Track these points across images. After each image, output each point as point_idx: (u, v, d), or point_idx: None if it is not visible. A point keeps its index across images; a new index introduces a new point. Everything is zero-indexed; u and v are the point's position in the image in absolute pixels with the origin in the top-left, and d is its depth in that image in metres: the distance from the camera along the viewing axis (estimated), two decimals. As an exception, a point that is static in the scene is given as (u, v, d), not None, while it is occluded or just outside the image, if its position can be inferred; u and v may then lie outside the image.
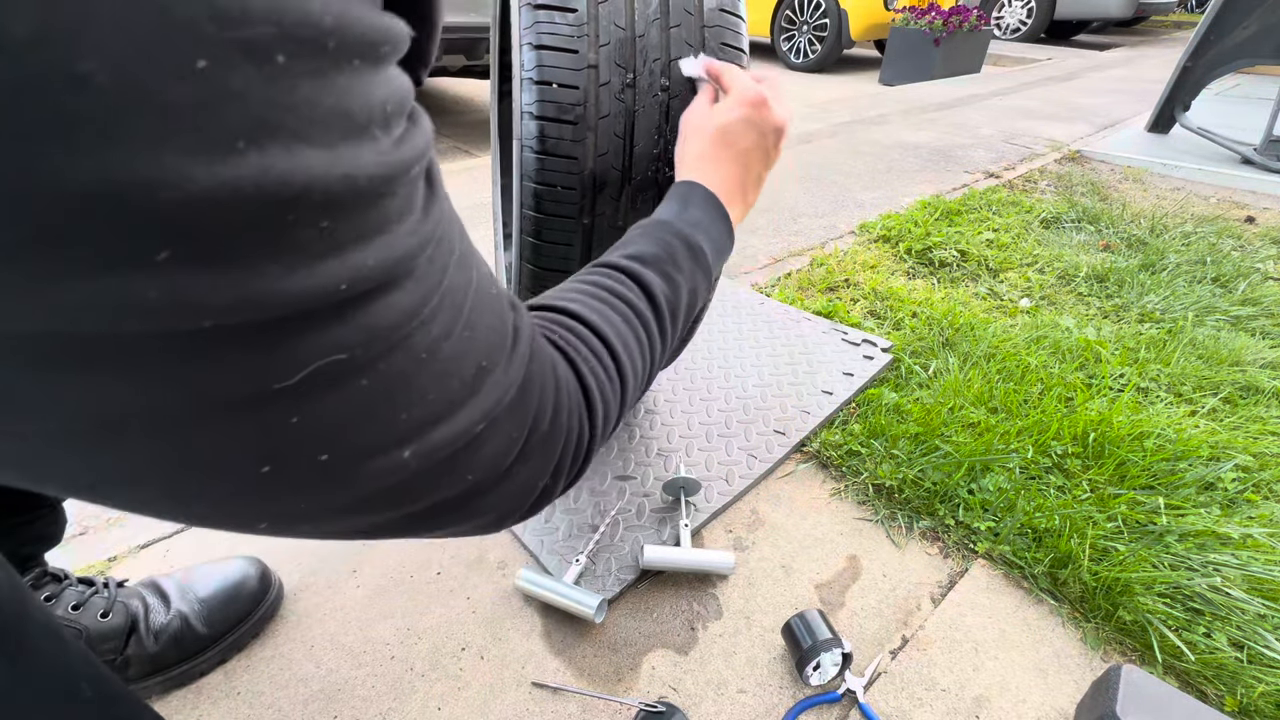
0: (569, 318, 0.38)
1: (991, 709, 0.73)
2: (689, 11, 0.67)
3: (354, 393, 0.21)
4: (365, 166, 0.19)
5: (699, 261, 0.48)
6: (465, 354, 0.26)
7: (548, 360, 0.33)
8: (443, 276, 0.24)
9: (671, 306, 0.45)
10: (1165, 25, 10.35)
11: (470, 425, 0.26)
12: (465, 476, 0.27)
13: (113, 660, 0.67)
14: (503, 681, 0.74)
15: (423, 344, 0.23)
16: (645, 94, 0.67)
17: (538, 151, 0.66)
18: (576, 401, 0.35)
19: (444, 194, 0.25)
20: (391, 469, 0.24)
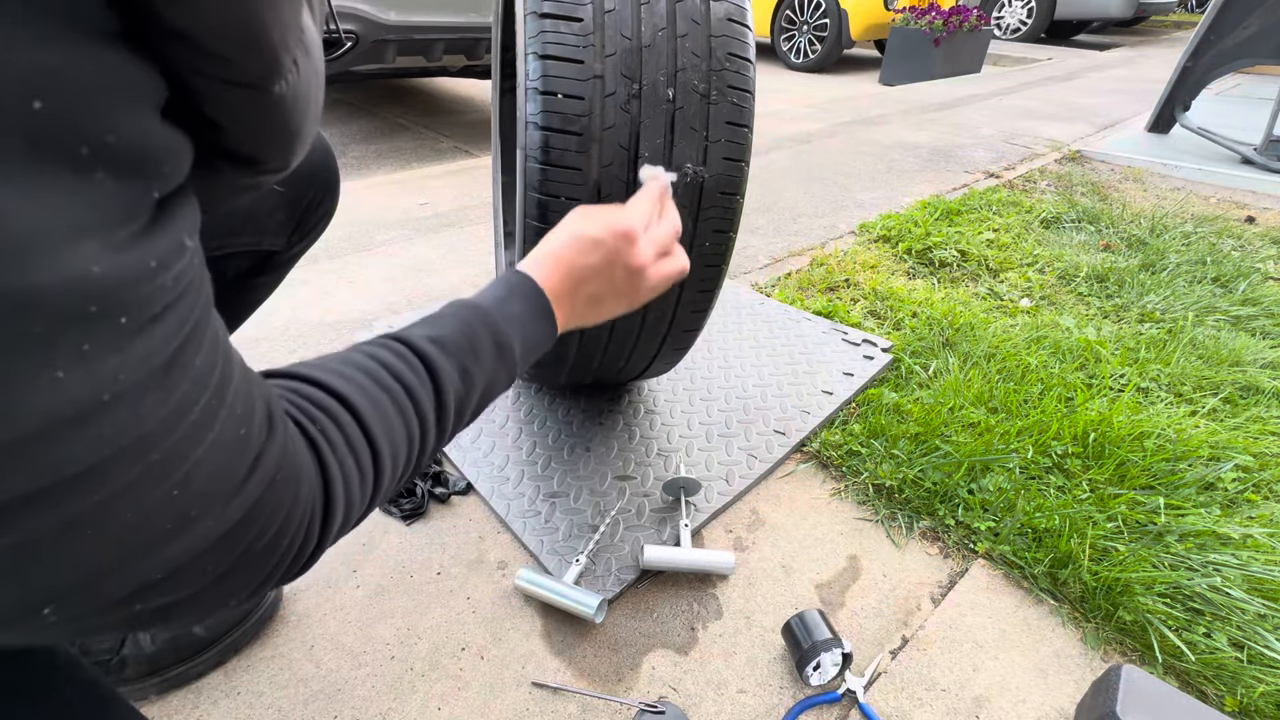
0: (335, 399, 0.35)
1: (991, 709, 0.73)
2: (696, 21, 0.67)
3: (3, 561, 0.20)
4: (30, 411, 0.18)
5: (504, 358, 0.46)
6: (162, 514, 0.23)
7: (291, 480, 0.30)
8: (142, 458, 0.22)
9: (459, 402, 0.43)
10: (1165, 25, 10.35)
11: (148, 575, 0.24)
12: (134, 607, 0.25)
13: (109, 661, 0.67)
14: (503, 681, 0.74)
15: (91, 522, 0.21)
16: (651, 105, 0.66)
17: (542, 162, 0.66)
18: (312, 512, 0.32)
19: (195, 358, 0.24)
20: (34, 624, 0.22)
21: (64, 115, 0.18)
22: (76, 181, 0.18)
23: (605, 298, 0.55)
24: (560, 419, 1.10)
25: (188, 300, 0.23)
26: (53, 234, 0.18)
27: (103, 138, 0.19)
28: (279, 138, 0.29)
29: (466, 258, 1.74)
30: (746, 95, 0.70)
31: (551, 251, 0.53)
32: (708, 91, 0.68)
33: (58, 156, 0.18)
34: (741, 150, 0.71)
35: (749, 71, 0.70)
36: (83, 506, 0.21)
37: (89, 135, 0.19)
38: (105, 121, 0.19)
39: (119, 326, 0.20)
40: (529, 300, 0.50)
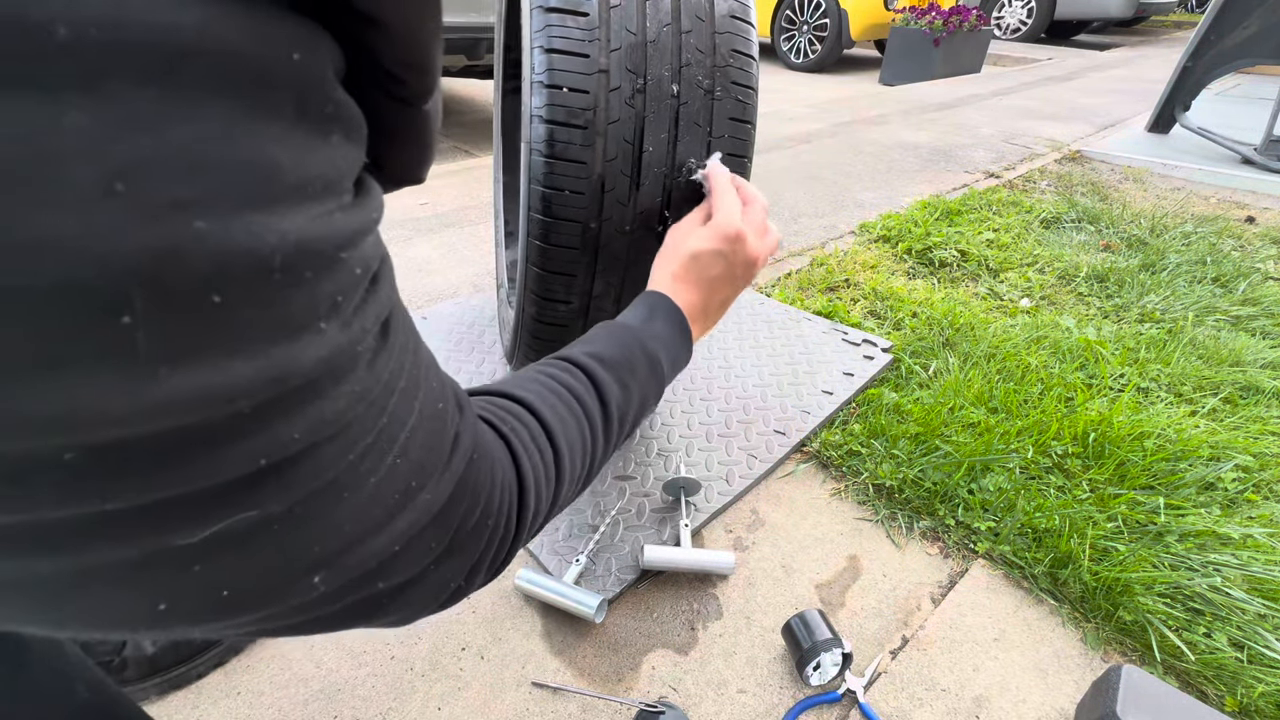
0: (521, 407, 0.38)
1: (991, 709, 0.73)
2: (700, 18, 0.67)
3: (262, 540, 0.21)
4: (301, 362, 0.19)
5: (655, 373, 0.50)
6: (392, 481, 0.25)
7: (486, 463, 0.32)
8: (379, 419, 0.23)
9: (621, 414, 0.46)
10: (1165, 25, 10.35)
11: (387, 545, 0.25)
12: (376, 585, 0.26)
13: (110, 662, 0.67)
14: (503, 681, 0.74)
15: (347, 484, 0.22)
16: (655, 99, 0.67)
17: (546, 155, 0.66)
18: (510, 503, 0.34)
19: (399, 331, 0.25)
20: (298, 593, 0.23)
21: (313, 73, 0.18)
22: (322, 141, 0.19)
23: (730, 297, 0.60)
24: (560, 419, 1.10)
25: (387, 265, 0.24)
26: (308, 185, 0.18)
27: (335, 97, 0.20)
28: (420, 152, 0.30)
29: (466, 258, 1.74)
30: (750, 92, 0.70)
31: (677, 273, 0.57)
32: (712, 87, 0.68)
33: (312, 114, 0.19)
34: (745, 146, 0.71)
35: (752, 68, 0.70)
36: (342, 466, 0.22)
37: (329, 95, 0.19)
38: (333, 84, 0.20)
39: (359, 280, 0.21)
40: (670, 320, 0.54)
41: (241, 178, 0.16)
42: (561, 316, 0.78)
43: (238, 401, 0.17)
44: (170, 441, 0.17)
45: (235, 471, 0.18)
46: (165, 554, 0.19)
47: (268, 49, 0.17)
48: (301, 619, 0.25)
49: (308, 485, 0.21)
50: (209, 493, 0.18)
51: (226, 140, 0.16)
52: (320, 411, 0.20)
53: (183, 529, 0.19)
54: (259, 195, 0.17)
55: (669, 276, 0.57)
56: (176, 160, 0.15)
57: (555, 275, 0.74)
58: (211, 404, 0.17)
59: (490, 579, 0.35)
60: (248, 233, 0.16)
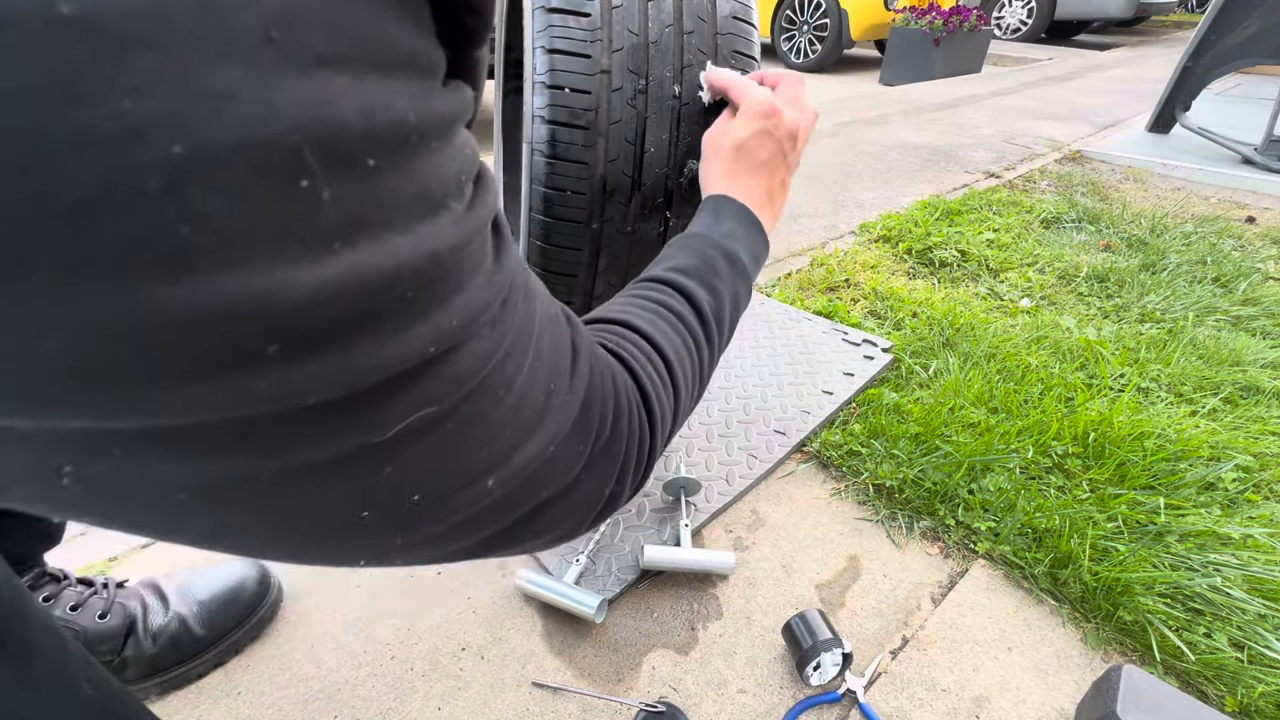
0: (623, 327, 0.40)
1: (992, 709, 0.73)
2: (702, 18, 0.67)
3: (441, 438, 0.22)
4: (445, 239, 0.20)
5: (738, 270, 0.50)
6: (535, 383, 0.27)
7: (606, 370, 0.33)
8: (515, 316, 0.25)
9: (717, 315, 0.46)
10: (1165, 25, 10.35)
11: (543, 448, 0.27)
12: (541, 493, 0.28)
13: (110, 661, 0.67)
14: (503, 681, 0.74)
15: (500, 382, 0.24)
16: (657, 100, 0.67)
17: (548, 156, 0.66)
18: (636, 406, 0.35)
19: (508, 236, 0.27)
20: (477, 498, 0.25)
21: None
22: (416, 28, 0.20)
23: (786, 176, 0.60)
24: (560, 419, 1.10)
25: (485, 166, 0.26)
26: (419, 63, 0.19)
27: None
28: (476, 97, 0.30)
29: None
30: None
31: (728, 169, 0.56)
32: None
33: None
34: None
35: (754, 69, 0.70)
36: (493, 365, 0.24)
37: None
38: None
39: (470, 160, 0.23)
40: (738, 217, 0.54)
41: (367, 40, 0.17)
42: (561, 316, 0.78)
43: (404, 280, 0.18)
44: (351, 326, 0.17)
45: (409, 360, 0.20)
46: (362, 453, 0.20)
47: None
48: (480, 536, 0.27)
49: (470, 380, 0.22)
50: (391, 384, 0.19)
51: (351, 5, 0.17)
52: (468, 301, 0.22)
53: (374, 426, 0.20)
54: (383, 60, 0.17)
55: (721, 176, 0.57)
56: (316, 16, 0.15)
57: (556, 276, 0.74)
58: (382, 283, 0.18)
59: (637, 487, 0.37)
60: (384, 93, 0.17)
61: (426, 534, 0.25)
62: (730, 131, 0.58)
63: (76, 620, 0.66)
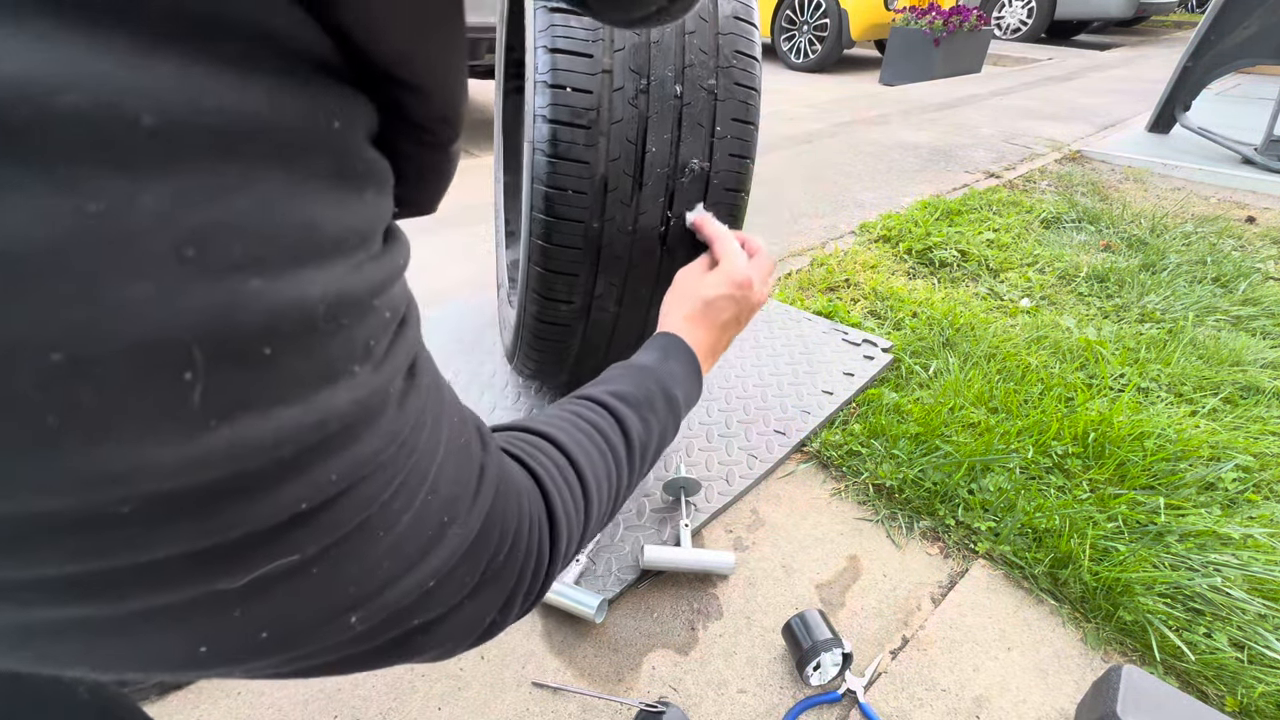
0: (545, 440, 0.39)
1: (992, 709, 0.73)
2: (704, 18, 0.67)
3: (301, 583, 0.21)
4: (338, 404, 0.19)
5: (672, 409, 0.52)
6: (425, 517, 0.25)
7: (513, 493, 0.32)
8: (412, 455, 0.24)
9: (643, 446, 0.47)
10: (1166, 25, 10.35)
11: (422, 581, 0.26)
12: (411, 622, 0.27)
13: None
14: (503, 681, 0.74)
15: (381, 523, 0.23)
16: (659, 100, 0.67)
17: (549, 155, 0.66)
18: (540, 528, 0.34)
19: (424, 369, 0.26)
20: (335, 632, 0.24)
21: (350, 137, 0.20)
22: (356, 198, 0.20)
23: (734, 337, 0.64)
24: (560, 419, 1.10)
25: (413, 308, 0.25)
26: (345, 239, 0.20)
27: (367, 156, 0.21)
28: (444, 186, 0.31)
29: (466, 257, 1.74)
30: (753, 93, 0.70)
31: (690, 316, 0.61)
32: (715, 88, 0.68)
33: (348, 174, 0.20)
34: (747, 147, 0.71)
35: (755, 69, 0.70)
36: (375, 507, 0.22)
37: (362, 155, 0.21)
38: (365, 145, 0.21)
39: (388, 324, 0.22)
40: (684, 360, 0.57)
41: (291, 238, 0.17)
42: (563, 316, 0.78)
43: (283, 447, 0.18)
44: (218, 490, 0.17)
45: (277, 516, 0.19)
46: (208, 598, 0.19)
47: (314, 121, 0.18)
48: (337, 657, 0.26)
49: (344, 527, 0.22)
50: (253, 538, 0.19)
51: (278, 205, 0.17)
52: (356, 454, 0.21)
53: (226, 574, 0.19)
54: (306, 252, 0.18)
55: (682, 319, 0.60)
56: (237, 227, 0.16)
57: (557, 274, 0.74)
58: (258, 451, 0.18)
59: (526, 611, 0.35)
60: (297, 288, 0.17)
61: (273, 662, 0.23)
62: (705, 285, 0.62)
63: None
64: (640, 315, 0.81)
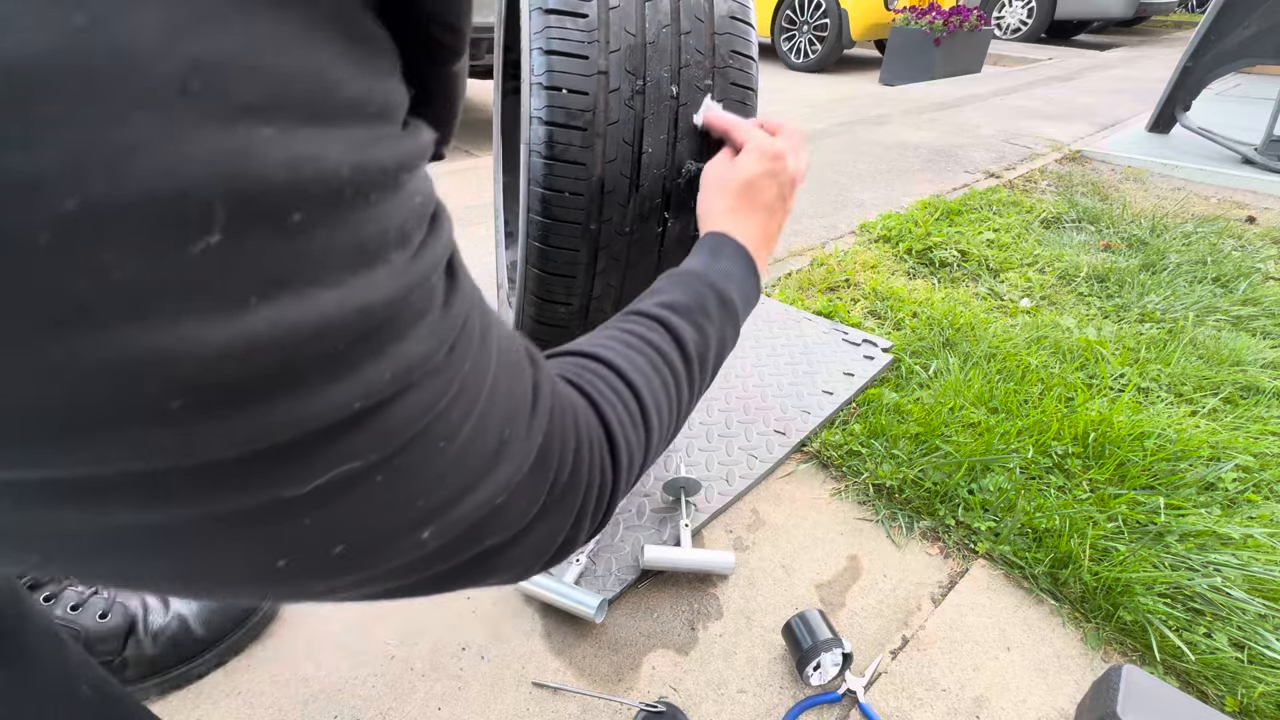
0: (596, 362, 0.38)
1: (992, 709, 0.73)
2: (700, 18, 0.67)
3: (368, 490, 0.21)
4: (381, 292, 0.19)
5: (729, 312, 0.49)
6: (485, 431, 0.25)
7: (569, 412, 0.32)
8: (463, 363, 0.24)
9: (701, 355, 0.45)
10: (1166, 25, 10.34)
11: (490, 498, 0.26)
12: (484, 542, 0.27)
13: (110, 661, 0.67)
14: (503, 681, 0.74)
15: (441, 433, 0.23)
16: (655, 101, 0.67)
17: (546, 157, 0.66)
18: (600, 450, 0.34)
19: (465, 277, 0.25)
20: (409, 549, 0.24)
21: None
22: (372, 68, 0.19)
23: (782, 222, 0.60)
24: (560, 419, 1.10)
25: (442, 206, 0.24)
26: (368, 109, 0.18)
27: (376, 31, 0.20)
28: (450, 112, 0.29)
29: (466, 257, 1.72)
30: (750, 93, 0.70)
31: (732, 206, 0.56)
32: (711, 89, 0.68)
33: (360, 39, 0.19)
34: None
35: (752, 69, 0.70)
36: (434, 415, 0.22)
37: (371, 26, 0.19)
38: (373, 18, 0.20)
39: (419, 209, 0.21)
40: (736, 257, 0.53)
41: (301, 87, 0.16)
42: (561, 318, 0.78)
43: (329, 335, 0.17)
44: (269, 384, 0.17)
45: (333, 416, 0.18)
46: (277, 506, 0.19)
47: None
48: (417, 578, 0.26)
49: (405, 433, 0.21)
50: (310, 439, 0.18)
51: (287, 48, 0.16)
52: (405, 352, 0.20)
53: (290, 480, 0.19)
54: (319, 107, 0.17)
55: (724, 212, 0.56)
56: (242, 62, 0.15)
57: (555, 277, 0.74)
58: (305, 339, 0.17)
59: (595, 531, 0.35)
60: (315, 144, 0.16)
61: (352, 579, 0.23)
62: (739, 168, 0.57)
63: (77, 620, 0.66)
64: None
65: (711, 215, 0.57)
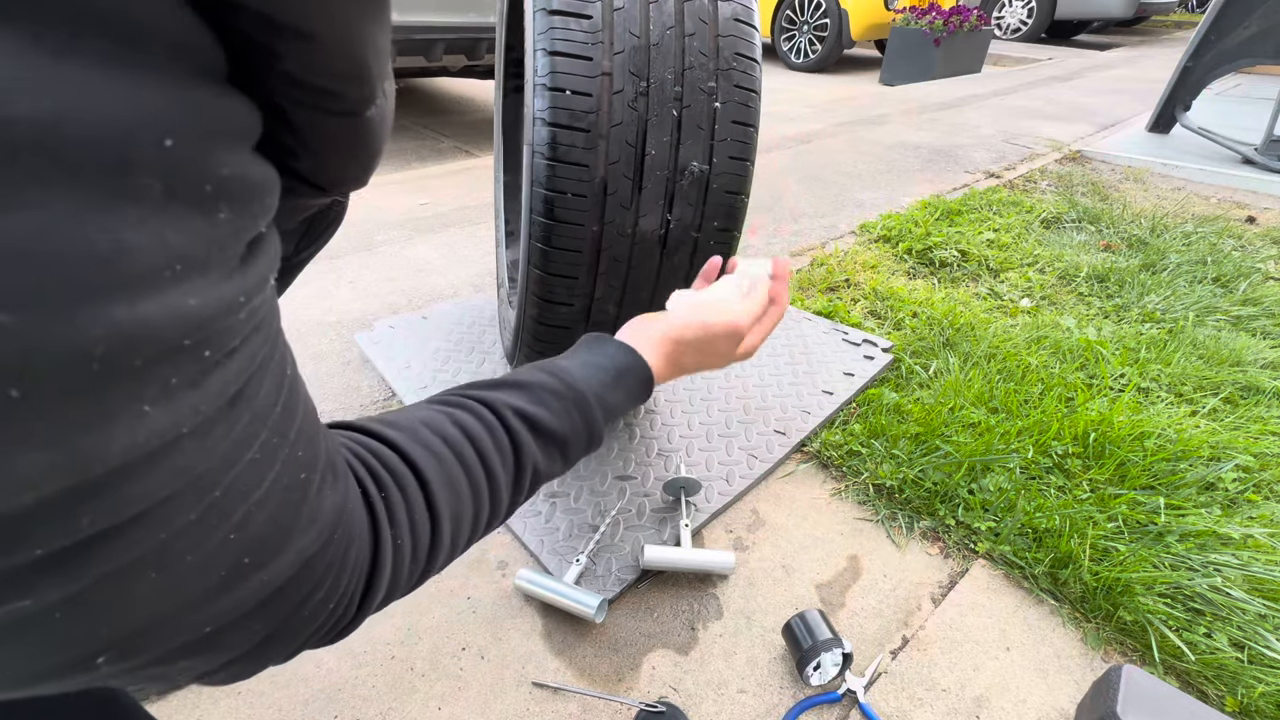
0: (410, 470, 0.34)
1: (992, 709, 0.73)
2: (704, 21, 0.67)
3: (37, 626, 0.19)
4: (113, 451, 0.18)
5: (591, 446, 0.46)
6: (219, 559, 0.22)
7: (345, 543, 0.28)
8: (209, 493, 0.21)
9: (534, 483, 0.42)
10: (1166, 25, 10.34)
11: (200, 625, 0.23)
12: (176, 663, 0.24)
13: None
14: (503, 681, 0.74)
15: (153, 563, 0.20)
16: (658, 102, 0.67)
17: (549, 158, 0.66)
18: (358, 582, 0.30)
19: (262, 393, 0.23)
20: (82, 671, 0.21)
21: (191, 154, 0.18)
22: (199, 218, 0.19)
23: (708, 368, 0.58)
24: (560, 419, 1.10)
25: (261, 333, 0.23)
26: (164, 269, 0.18)
27: (220, 173, 0.19)
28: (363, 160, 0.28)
29: (467, 257, 1.74)
30: (753, 95, 0.70)
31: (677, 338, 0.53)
32: (714, 91, 0.68)
33: (187, 195, 0.18)
34: (747, 150, 0.71)
35: (755, 72, 0.70)
36: (148, 546, 0.20)
37: (211, 173, 0.19)
38: (222, 158, 0.19)
39: (203, 360, 0.20)
40: (634, 391, 0.50)
41: (75, 267, 0.15)
42: (563, 318, 0.78)
43: (22, 494, 0.16)
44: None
45: (6, 562, 0.17)
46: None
47: (133, 132, 0.16)
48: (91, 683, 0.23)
49: (98, 570, 0.19)
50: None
51: (64, 229, 0.15)
52: (124, 493, 0.19)
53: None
54: (92, 284, 0.16)
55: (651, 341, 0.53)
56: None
57: (557, 278, 0.74)
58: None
59: (302, 651, 0.31)
60: (68, 325, 0.16)
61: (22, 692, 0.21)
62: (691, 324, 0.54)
63: None
64: (640, 315, 0.82)
65: (655, 329, 0.54)
